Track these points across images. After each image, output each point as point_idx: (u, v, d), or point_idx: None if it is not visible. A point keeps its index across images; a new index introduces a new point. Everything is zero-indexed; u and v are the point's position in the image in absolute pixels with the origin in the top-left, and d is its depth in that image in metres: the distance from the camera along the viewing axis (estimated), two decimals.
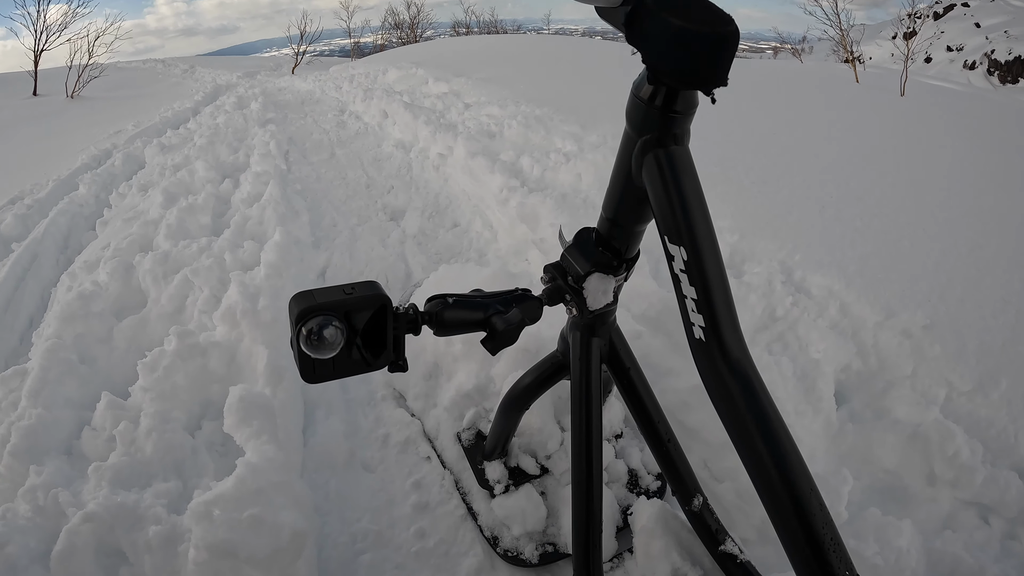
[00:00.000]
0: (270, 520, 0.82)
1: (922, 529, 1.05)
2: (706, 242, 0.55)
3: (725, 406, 0.56)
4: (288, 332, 0.66)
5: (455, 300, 0.70)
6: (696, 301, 0.56)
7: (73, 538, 0.87)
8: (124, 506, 0.90)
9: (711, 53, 0.50)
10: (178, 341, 1.25)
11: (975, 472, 1.07)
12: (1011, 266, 1.73)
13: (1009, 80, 22.66)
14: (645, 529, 0.94)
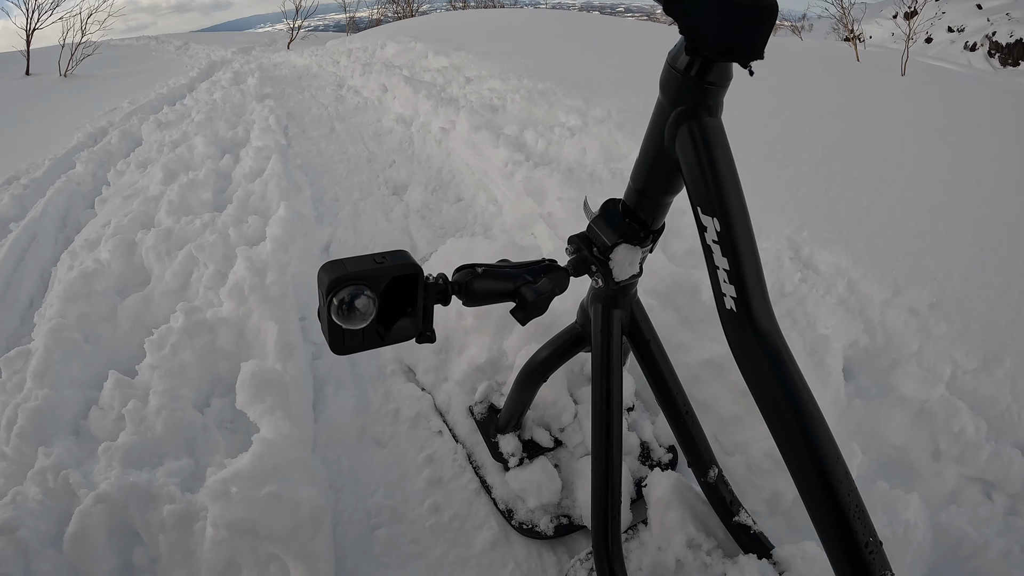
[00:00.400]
0: (288, 497, 0.83)
1: (928, 503, 1.06)
2: (739, 215, 0.55)
3: (753, 376, 0.56)
4: (315, 303, 0.65)
5: (484, 270, 0.69)
6: (728, 272, 0.55)
7: (86, 520, 0.87)
8: (137, 486, 0.91)
9: (753, 25, 0.49)
10: (185, 318, 1.24)
11: (980, 448, 1.08)
12: (1015, 247, 1.73)
13: (1010, 63, 22.45)
14: (661, 501, 0.94)
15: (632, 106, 2.64)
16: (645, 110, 2.14)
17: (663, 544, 0.89)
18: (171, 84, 6.59)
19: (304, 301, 1.50)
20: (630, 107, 2.62)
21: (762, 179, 1.92)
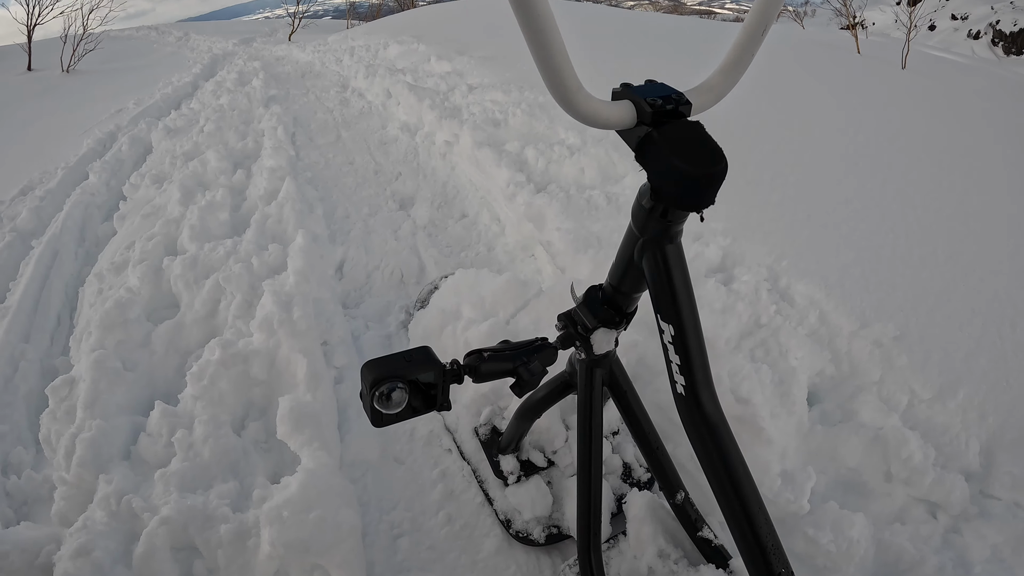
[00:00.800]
0: (331, 519, 0.98)
1: (875, 521, 1.21)
2: (690, 323, 0.68)
3: (699, 446, 0.70)
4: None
5: (489, 355, 0.84)
6: (679, 366, 0.69)
7: (152, 539, 1.02)
8: (194, 508, 1.06)
9: (705, 187, 0.61)
10: (221, 351, 1.39)
11: (926, 473, 1.23)
12: (986, 273, 1.84)
13: (1013, 52, 22.32)
14: (637, 517, 1.10)
15: None
16: None
17: (638, 553, 1.05)
18: (175, 83, 6.65)
19: (324, 328, 1.64)
20: None
21: (750, 207, 2.04)
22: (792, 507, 1.13)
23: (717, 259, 1.76)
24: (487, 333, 1.40)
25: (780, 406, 1.26)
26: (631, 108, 0.62)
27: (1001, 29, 22.54)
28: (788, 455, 1.24)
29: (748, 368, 1.24)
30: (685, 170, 0.59)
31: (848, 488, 1.29)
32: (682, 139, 0.60)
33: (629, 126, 0.62)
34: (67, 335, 2.15)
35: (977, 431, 1.39)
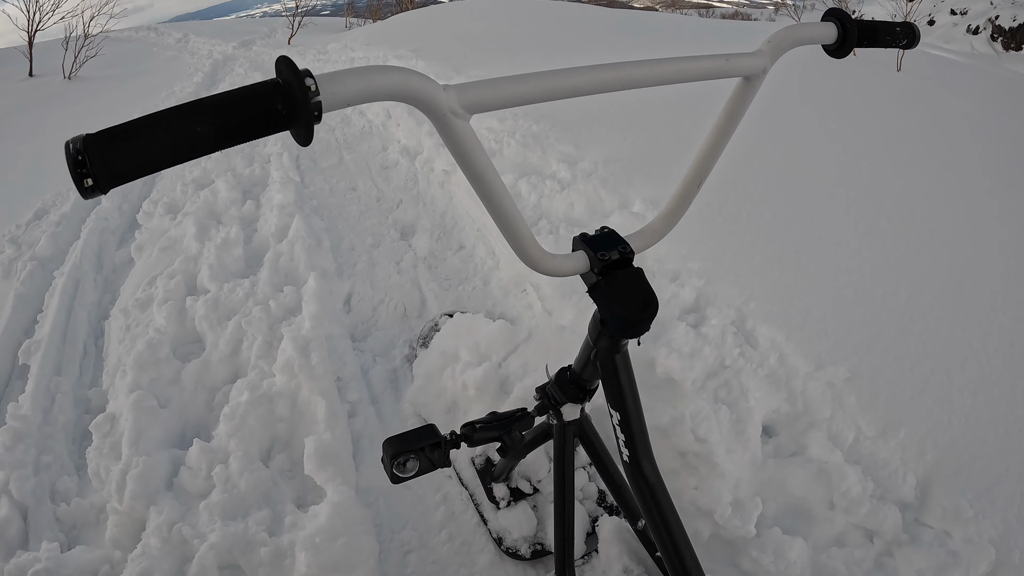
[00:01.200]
0: (355, 544, 1.20)
1: (816, 544, 1.41)
2: (633, 411, 0.87)
3: (640, 500, 0.89)
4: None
5: (480, 426, 1.03)
6: (624, 441, 0.88)
7: (203, 561, 1.22)
8: (236, 534, 1.25)
9: (636, 326, 0.79)
10: (249, 393, 1.58)
11: (862, 504, 1.41)
12: (945, 311, 1.96)
13: (1012, 47, 22.38)
14: (605, 539, 1.32)
15: (618, 156, 2.93)
16: (630, 158, 2.47)
17: (606, 569, 1.26)
18: (177, 92, 6.82)
19: (337, 365, 1.83)
20: (616, 157, 2.91)
21: (725, 246, 2.21)
22: (740, 532, 1.33)
23: (691, 300, 1.94)
24: (482, 376, 1.59)
25: (736, 442, 1.46)
26: (585, 259, 0.79)
27: (1000, 24, 22.61)
28: (741, 485, 1.43)
29: (708, 410, 1.44)
30: (623, 314, 0.77)
31: (795, 514, 1.48)
32: (623, 287, 0.78)
33: (583, 272, 0.80)
34: (94, 365, 2.33)
35: (915, 466, 1.54)
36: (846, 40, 0.79)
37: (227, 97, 0.42)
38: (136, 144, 0.40)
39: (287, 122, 0.43)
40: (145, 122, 0.40)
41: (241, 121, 0.42)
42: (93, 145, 0.39)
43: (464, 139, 0.57)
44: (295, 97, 0.43)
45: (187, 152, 0.41)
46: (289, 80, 0.43)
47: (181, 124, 0.41)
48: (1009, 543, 1.42)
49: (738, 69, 0.73)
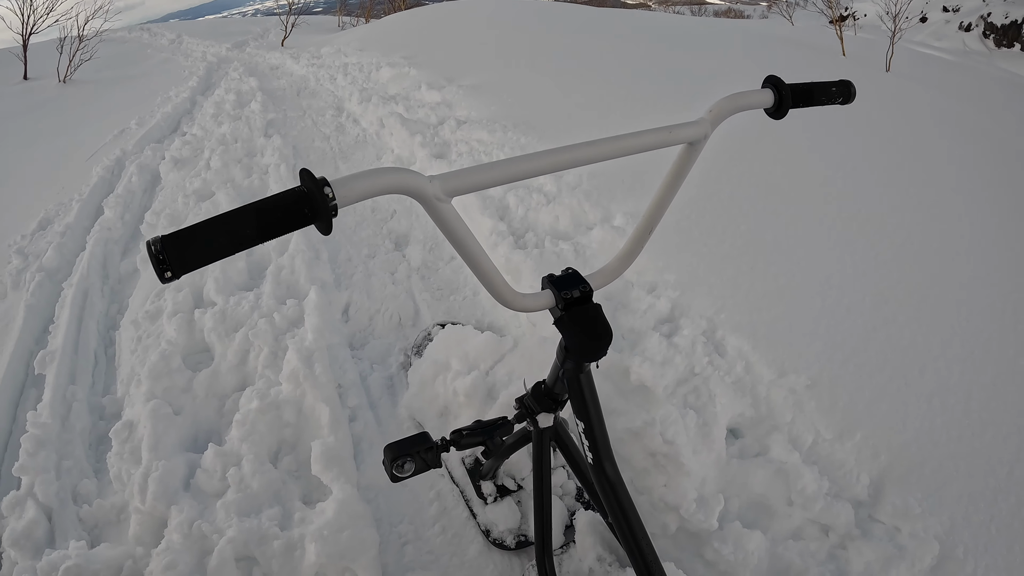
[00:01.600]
0: (358, 536, 1.37)
1: (775, 537, 1.56)
2: (596, 420, 1.01)
3: (603, 497, 1.04)
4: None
5: (467, 433, 1.18)
6: (588, 446, 1.03)
7: (222, 554, 1.37)
8: (251, 529, 1.40)
9: (594, 353, 0.93)
10: (259, 401, 1.73)
11: (817, 501, 1.57)
12: (908, 321, 2.09)
13: (1004, 44, 22.53)
14: (581, 531, 1.48)
15: (602, 170, 3.07)
16: (611, 172, 2.62)
17: (582, 557, 1.41)
18: (173, 98, 6.91)
19: (338, 373, 1.98)
20: (600, 171, 3.05)
21: (700, 258, 2.35)
22: (704, 525, 1.49)
23: (667, 311, 2.09)
24: (471, 384, 1.74)
25: (702, 444, 1.61)
26: (551, 297, 0.93)
27: (992, 21, 22.80)
28: (706, 483, 1.58)
29: (676, 415, 1.59)
30: (582, 344, 0.92)
31: (756, 510, 1.64)
32: (583, 320, 0.92)
33: (550, 307, 0.95)
34: (105, 373, 2.45)
35: (869, 467, 1.68)
36: (782, 104, 0.93)
37: (266, 203, 0.57)
38: (200, 243, 0.54)
39: (312, 220, 0.58)
40: (206, 226, 0.55)
41: (277, 220, 0.57)
42: (169, 245, 0.53)
43: (447, 217, 0.72)
44: (316, 203, 0.57)
45: (237, 247, 0.56)
46: (312, 190, 0.57)
47: (232, 227, 0.55)
48: (954, 539, 1.56)
49: (681, 138, 0.88)
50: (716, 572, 1.47)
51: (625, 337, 2.06)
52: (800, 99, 0.96)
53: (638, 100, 4.24)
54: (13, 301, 2.97)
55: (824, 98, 0.99)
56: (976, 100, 5.40)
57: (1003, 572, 1.53)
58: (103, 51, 10.35)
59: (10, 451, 2.18)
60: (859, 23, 19.80)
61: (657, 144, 0.87)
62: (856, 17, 25.09)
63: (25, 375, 2.56)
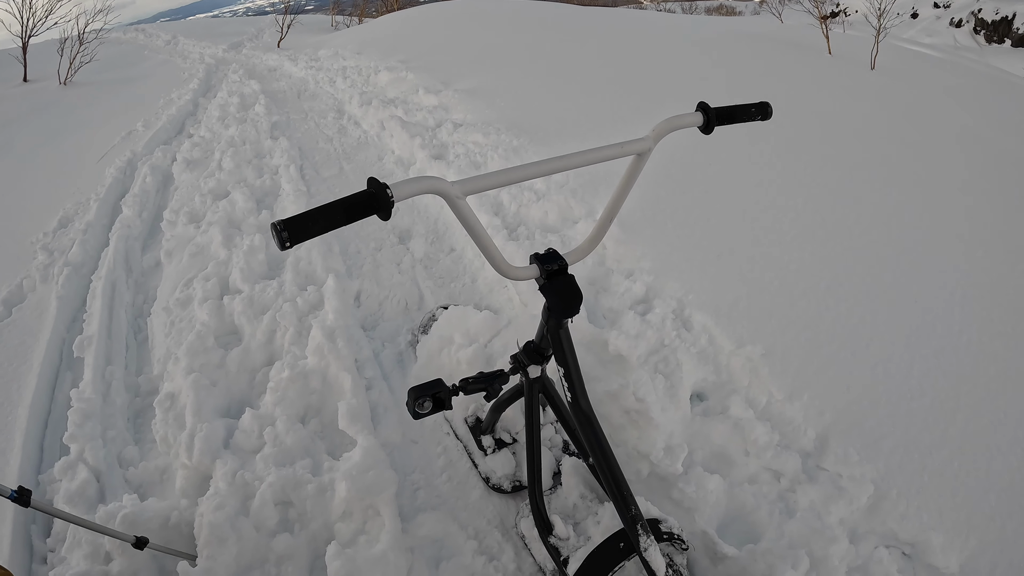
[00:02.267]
0: (380, 475, 1.63)
1: (733, 482, 1.84)
2: (573, 366, 1.29)
3: (580, 427, 1.31)
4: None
5: (472, 380, 1.45)
6: (567, 387, 1.30)
7: (264, 496, 1.64)
8: (288, 476, 1.67)
9: (570, 312, 1.21)
10: (289, 371, 2.00)
11: (768, 451, 1.86)
12: (859, 301, 2.35)
13: (995, 40, 22.77)
14: (566, 472, 1.74)
15: (587, 169, 3.35)
16: (595, 171, 2.92)
17: (567, 495, 1.68)
18: (175, 99, 7.13)
19: (354, 350, 2.25)
20: (585, 171, 3.34)
21: (673, 247, 2.64)
22: (670, 470, 1.76)
23: (642, 293, 2.37)
24: (471, 354, 2.02)
25: (669, 403, 1.89)
26: (536, 269, 1.21)
27: (983, 17, 23.06)
28: (673, 436, 1.86)
29: (646, 378, 1.87)
30: (560, 305, 1.19)
31: (718, 459, 1.91)
32: (561, 287, 1.20)
33: (536, 277, 1.22)
34: (137, 356, 2.71)
35: (815, 423, 1.95)
36: (710, 123, 1.22)
37: (348, 199, 0.85)
38: (307, 224, 0.82)
39: (377, 211, 0.85)
40: (310, 214, 0.82)
41: (355, 210, 0.85)
42: (289, 225, 0.81)
43: (463, 209, 1.00)
44: (380, 200, 0.85)
45: (330, 227, 0.84)
46: (377, 190, 0.85)
47: (328, 215, 0.83)
48: (889, 483, 1.83)
49: (633, 150, 1.17)
50: (681, 508, 1.75)
51: (605, 317, 2.34)
52: (724, 118, 1.26)
53: (622, 103, 4.52)
54: (43, 293, 3.22)
55: (745, 116, 1.29)
56: (958, 96, 5.65)
57: (934, 513, 1.78)
58: (101, 52, 10.52)
59: (50, 428, 2.44)
60: (849, 20, 20.08)
61: (614, 155, 1.15)
62: (847, 14, 25.36)
63: (59, 360, 2.81)
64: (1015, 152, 4.24)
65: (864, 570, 1.56)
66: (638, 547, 1.32)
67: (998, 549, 1.74)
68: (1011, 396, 2.13)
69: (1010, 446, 1.97)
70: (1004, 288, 2.60)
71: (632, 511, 1.30)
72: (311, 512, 1.66)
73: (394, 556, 1.55)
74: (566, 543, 1.60)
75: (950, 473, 1.88)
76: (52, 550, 1.92)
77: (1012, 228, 3.07)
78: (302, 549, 1.67)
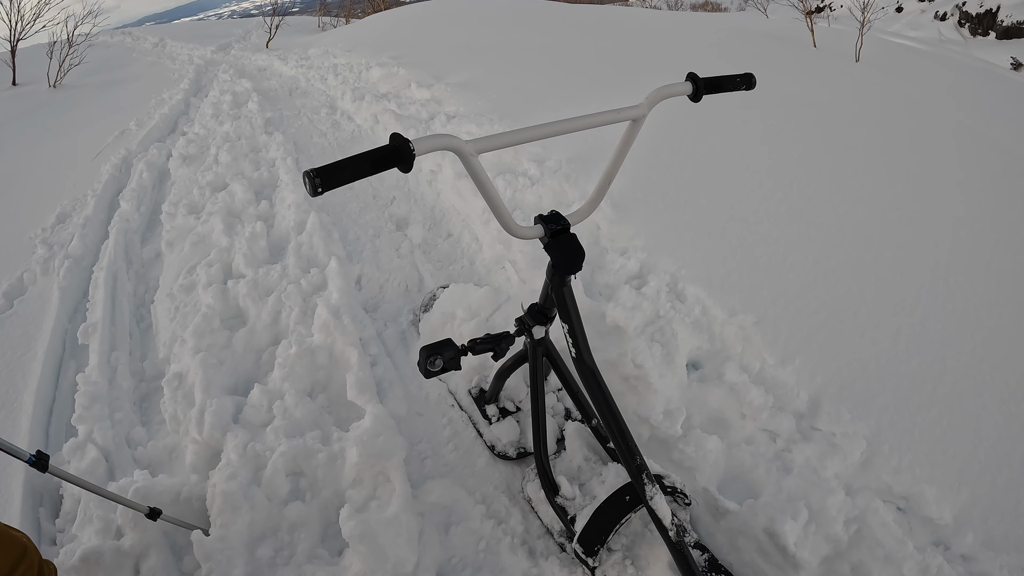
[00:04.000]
0: (390, 440, 1.68)
1: (731, 443, 1.91)
2: (576, 322, 1.35)
3: (583, 380, 1.37)
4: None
5: (480, 340, 1.50)
6: (571, 342, 1.35)
7: (275, 466, 1.69)
8: (299, 445, 1.72)
9: (572, 268, 1.27)
10: (296, 347, 2.04)
11: (763, 412, 1.92)
12: (846, 273, 2.43)
13: (979, 32, 22.96)
14: (569, 436, 1.80)
15: (579, 155, 3.41)
16: (589, 156, 2.99)
17: (572, 459, 1.74)
18: (167, 99, 7.14)
19: (358, 329, 2.29)
20: (577, 157, 3.39)
21: (665, 226, 2.71)
22: (670, 432, 1.83)
23: (636, 269, 2.43)
24: (474, 328, 2.07)
25: (667, 370, 1.96)
26: (541, 229, 1.27)
27: (967, 10, 23.28)
28: (672, 401, 1.93)
29: (644, 347, 1.93)
30: (563, 262, 1.26)
31: (715, 423, 1.98)
32: (564, 244, 1.26)
33: (540, 236, 1.28)
34: (141, 344, 2.74)
35: (808, 386, 2.02)
36: (698, 92, 1.29)
37: (373, 152, 0.90)
38: (337, 172, 0.87)
39: (399, 163, 0.91)
40: (339, 164, 0.88)
41: (380, 161, 0.91)
42: (321, 173, 0.86)
43: (475, 167, 1.06)
44: (403, 153, 0.90)
45: (357, 176, 0.90)
46: (400, 144, 0.90)
47: (355, 165, 0.89)
48: (880, 439, 1.90)
49: (628, 116, 1.23)
50: (682, 468, 1.81)
51: (602, 293, 2.40)
52: (712, 87, 1.33)
53: (612, 94, 4.59)
54: (45, 285, 3.24)
55: (731, 86, 1.36)
56: (942, 86, 5.78)
57: (926, 466, 1.85)
58: (89, 56, 10.48)
59: (55, 414, 2.47)
60: (834, 14, 20.28)
61: (611, 120, 1.22)
62: (832, 8, 25.61)
63: (63, 348, 2.84)
64: (996, 138, 4.35)
65: (861, 520, 1.62)
66: (644, 496, 1.38)
67: (989, 500, 1.82)
68: (996, 360, 2.22)
69: (996, 405, 2.05)
70: (987, 260, 2.69)
71: (637, 460, 1.36)
72: (322, 480, 1.71)
73: (406, 518, 1.61)
74: (572, 502, 1.66)
75: (940, 430, 1.96)
76: (61, 531, 1.94)
77: (995, 205, 3.17)
78: (314, 517, 1.72)
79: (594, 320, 2.13)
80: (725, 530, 1.63)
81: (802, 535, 1.53)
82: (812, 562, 1.51)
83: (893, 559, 1.52)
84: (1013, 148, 4.21)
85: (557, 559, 1.67)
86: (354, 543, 1.52)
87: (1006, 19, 21.68)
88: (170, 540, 1.81)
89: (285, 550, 1.66)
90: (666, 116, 2.93)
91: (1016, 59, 18.88)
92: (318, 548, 1.66)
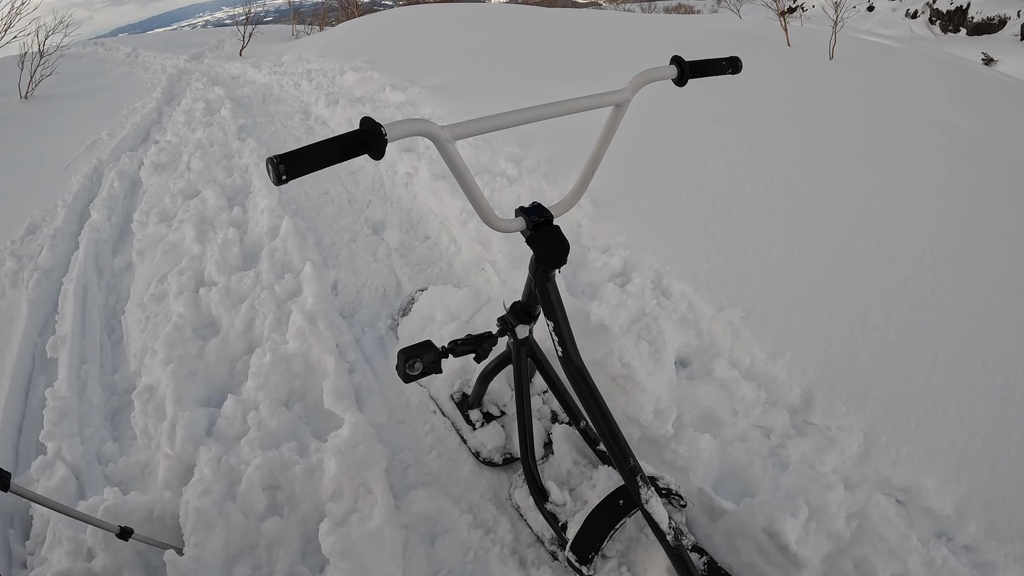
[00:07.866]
0: (370, 450, 1.59)
1: (724, 440, 1.86)
2: (562, 319, 1.29)
3: (571, 380, 1.31)
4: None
5: (461, 342, 1.43)
6: (557, 340, 1.30)
7: (251, 480, 1.60)
8: (275, 458, 1.64)
9: (556, 262, 1.21)
10: (271, 355, 1.96)
11: (756, 408, 1.88)
12: (831, 265, 2.40)
13: (950, 29, 23.34)
14: (557, 439, 1.74)
15: (558, 154, 3.36)
16: (567, 155, 2.95)
17: (560, 463, 1.67)
18: (139, 108, 6.99)
19: (335, 335, 2.22)
20: (556, 155, 3.35)
21: (647, 223, 2.67)
22: (661, 431, 1.77)
23: (620, 266, 2.39)
24: (454, 330, 2.01)
25: (655, 367, 1.90)
26: (523, 222, 1.21)
27: (938, 8, 23.68)
28: (661, 399, 1.87)
29: (631, 345, 1.88)
30: (547, 255, 1.20)
31: (707, 420, 1.93)
32: (547, 238, 1.20)
33: (523, 229, 1.22)
34: (112, 356, 2.64)
35: (800, 380, 1.98)
36: (683, 75, 1.23)
37: (343, 137, 0.83)
38: (303, 159, 0.80)
39: (370, 149, 0.84)
40: (306, 150, 0.81)
41: (351, 147, 0.84)
42: (285, 159, 0.79)
43: (451, 153, 0.99)
44: (375, 137, 0.84)
45: (325, 163, 0.83)
46: (373, 128, 0.84)
47: (323, 151, 0.82)
48: (877, 431, 1.87)
49: (611, 101, 1.18)
50: (675, 469, 1.75)
51: (585, 292, 2.35)
52: (698, 71, 1.28)
53: (588, 92, 4.54)
54: (13, 298, 3.11)
55: (717, 70, 1.31)
56: (913, 80, 5.84)
57: (924, 457, 1.82)
58: (61, 66, 10.25)
59: (25, 431, 2.36)
60: (807, 14, 20.55)
61: (595, 105, 1.17)
62: (804, 8, 25.98)
63: (32, 364, 2.72)
64: (973, 129, 4.39)
65: (862, 515, 1.58)
66: (639, 499, 1.32)
67: (990, 489, 1.79)
68: (987, 347, 2.20)
69: (991, 392, 2.03)
70: (974, 248, 2.68)
71: (631, 463, 1.31)
72: (300, 494, 1.63)
73: (389, 531, 1.53)
74: (563, 508, 1.60)
75: (936, 420, 1.93)
76: (32, 553, 1.85)
77: (976, 194, 3.17)
78: (293, 532, 1.64)
79: (578, 319, 2.07)
80: (723, 531, 1.57)
81: (803, 533, 1.48)
82: (814, 560, 1.46)
83: (897, 553, 1.48)
84: (990, 139, 4.25)
85: (549, 568, 1.60)
86: (335, 559, 1.45)
87: (976, 15, 22.11)
88: (144, 560, 1.72)
89: (263, 568, 1.57)
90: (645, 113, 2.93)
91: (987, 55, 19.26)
92: (298, 565, 1.58)
